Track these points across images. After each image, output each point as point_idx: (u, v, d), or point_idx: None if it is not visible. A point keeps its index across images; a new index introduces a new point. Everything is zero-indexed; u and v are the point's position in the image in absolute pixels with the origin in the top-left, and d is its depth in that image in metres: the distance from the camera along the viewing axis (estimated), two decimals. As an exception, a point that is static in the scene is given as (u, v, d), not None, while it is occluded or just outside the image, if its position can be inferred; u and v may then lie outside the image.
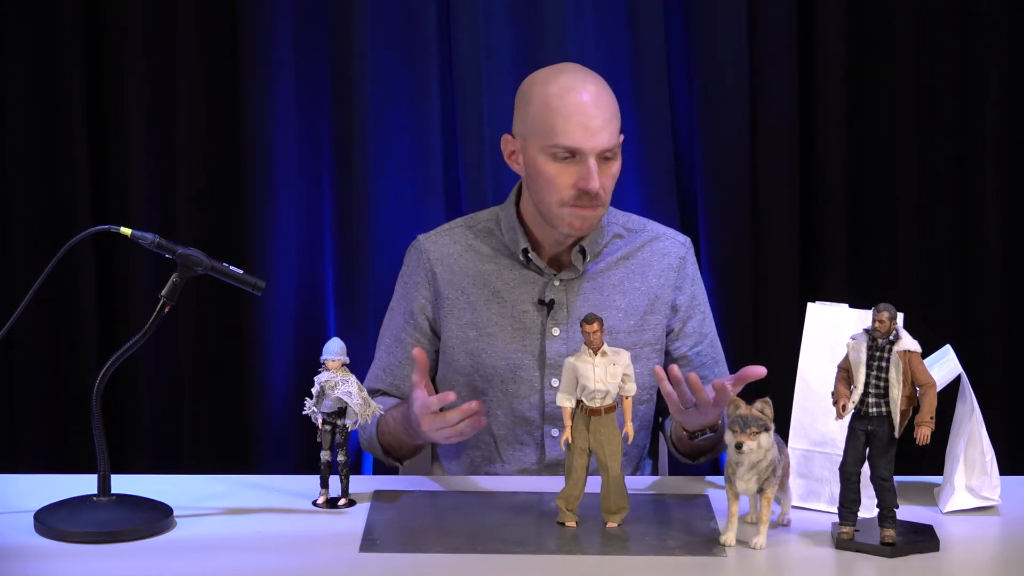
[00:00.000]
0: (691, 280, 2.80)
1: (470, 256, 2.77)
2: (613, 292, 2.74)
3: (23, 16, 3.31)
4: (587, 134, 2.61)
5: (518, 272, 2.75)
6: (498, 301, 2.74)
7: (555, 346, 2.71)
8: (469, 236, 2.79)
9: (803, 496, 2.41)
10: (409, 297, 2.80)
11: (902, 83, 3.37)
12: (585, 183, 2.61)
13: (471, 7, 3.33)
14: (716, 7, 3.35)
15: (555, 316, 2.72)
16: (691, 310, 2.78)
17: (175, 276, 2.37)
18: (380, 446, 2.74)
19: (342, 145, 3.37)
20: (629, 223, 2.80)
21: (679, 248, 2.80)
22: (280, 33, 3.35)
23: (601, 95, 2.65)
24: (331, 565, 2.17)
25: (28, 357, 3.40)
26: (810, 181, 3.41)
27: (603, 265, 2.75)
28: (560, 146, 2.62)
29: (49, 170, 3.36)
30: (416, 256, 2.81)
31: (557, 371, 2.69)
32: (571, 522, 2.31)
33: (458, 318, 2.75)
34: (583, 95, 2.63)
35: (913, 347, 2.18)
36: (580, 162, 2.62)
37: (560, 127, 2.62)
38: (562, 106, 2.63)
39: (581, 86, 2.64)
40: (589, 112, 2.62)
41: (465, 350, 2.74)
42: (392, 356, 2.81)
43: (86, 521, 2.26)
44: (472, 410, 2.49)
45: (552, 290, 2.73)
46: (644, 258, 2.77)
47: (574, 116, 2.62)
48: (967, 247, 3.43)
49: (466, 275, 2.76)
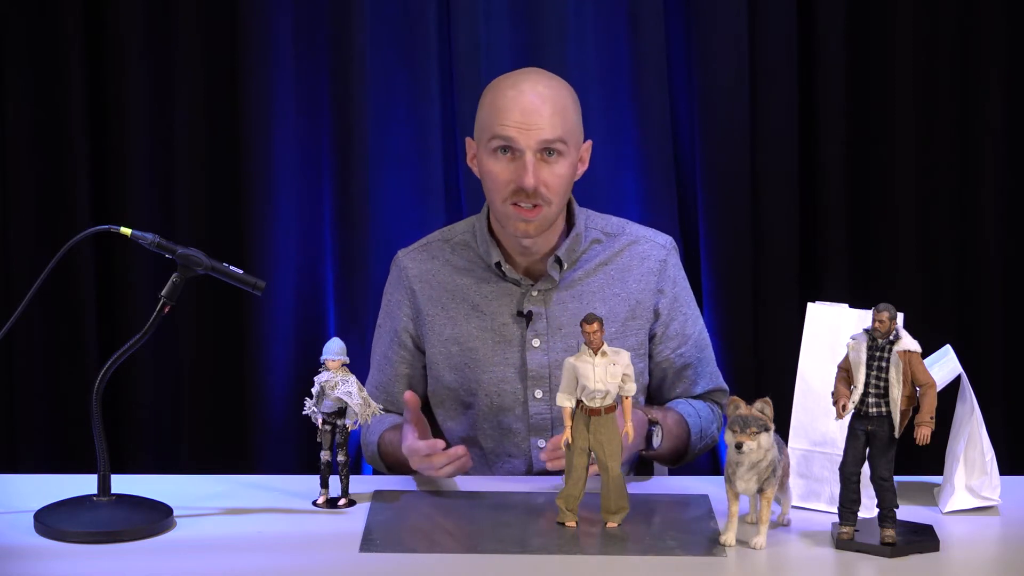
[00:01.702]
0: (673, 282, 2.75)
1: (448, 271, 2.75)
2: (593, 299, 2.70)
3: (24, 16, 3.31)
4: (523, 126, 2.58)
5: (495, 285, 2.72)
6: (478, 315, 2.72)
7: (536, 357, 2.70)
8: (446, 251, 2.76)
9: (803, 496, 2.41)
10: (392, 316, 2.79)
11: (902, 83, 3.37)
12: (520, 179, 2.59)
13: (471, 7, 3.33)
14: (716, 7, 3.36)
15: (534, 327, 2.69)
16: (673, 312, 2.75)
17: (175, 276, 2.36)
18: (384, 464, 2.74)
19: (342, 145, 3.38)
20: (608, 227, 2.76)
21: (659, 251, 2.75)
22: (280, 33, 3.35)
23: (547, 93, 2.61)
24: (331, 565, 2.17)
25: (28, 357, 3.40)
26: (810, 181, 3.42)
27: (581, 272, 2.72)
28: (498, 137, 2.60)
29: (49, 170, 3.36)
30: (396, 274, 2.79)
31: (539, 382, 2.69)
32: (571, 522, 2.31)
33: (439, 334, 2.74)
34: (526, 91, 2.60)
35: (913, 347, 2.18)
36: (519, 158, 2.60)
37: (499, 120, 2.60)
38: (504, 100, 2.60)
39: (529, 85, 2.61)
40: (528, 106, 2.58)
41: (449, 365, 2.73)
42: (382, 374, 2.80)
43: (86, 521, 2.26)
44: (456, 456, 2.48)
45: (530, 300, 2.70)
46: (624, 263, 2.73)
47: (512, 109, 2.59)
48: (967, 247, 3.43)
49: (445, 290, 2.74)
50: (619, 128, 3.38)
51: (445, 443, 2.50)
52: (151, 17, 3.34)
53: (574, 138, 2.63)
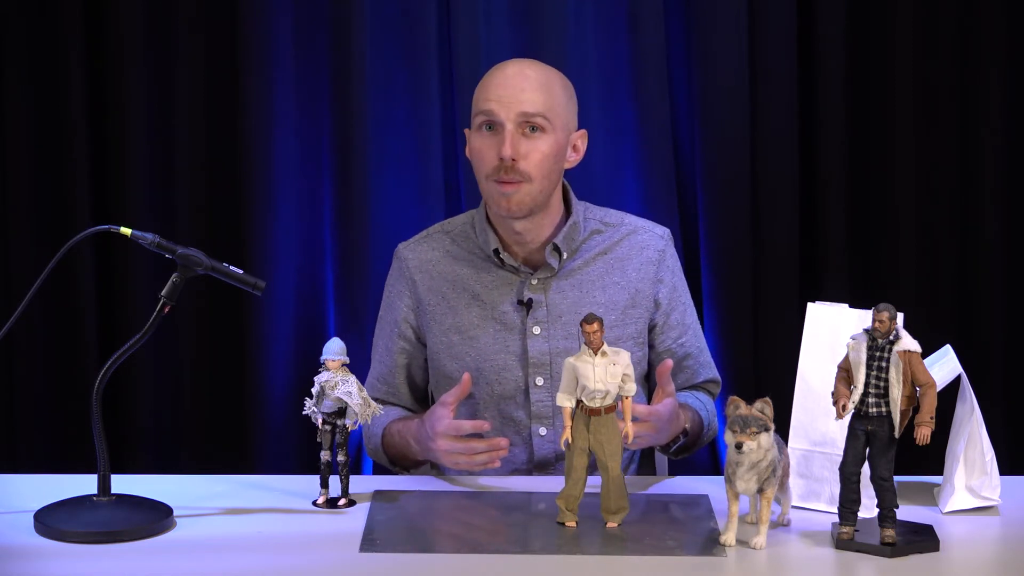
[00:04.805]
0: (671, 272, 2.78)
1: (448, 261, 2.77)
2: (592, 288, 2.73)
3: (24, 16, 3.31)
4: (503, 99, 2.61)
5: (495, 273, 2.74)
6: (478, 304, 2.73)
7: (537, 344, 2.71)
8: (446, 241, 2.78)
9: (803, 496, 2.41)
10: (393, 307, 2.80)
11: (902, 83, 3.37)
12: (499, 151, 2.60)
13: (471, 7, 3.33)
14: (716, 7, 3.36)
15: (535, 315, 2.71)
16: (673, 302, 2.77)
17: (175, 276, 2.36)
18: (387, 456, 2.74)
19: (342, 145, 3.38)
20: (607, 218, 2.78)
21: (658, 241, 2.77)
22: (280, 33, 3.35)
23: (531, 73, 2.64)
24: (331, 565, 2.17)
25: (28, 357, 3.40)
26: (810, 181, 3.42)
27: (580, 261, 2.74)
28: (481, 112, 2.63)
29: (49, 170, 3.36)
30: (397, 265, 2.81)
31: (540, 369, 2.69)
32: (571, 522, 2.31)
33: (440, 323, 2.75)
34: (510, 70, 2.65)
35: (913, 347, 2.18)
36: (500, 132, 2.62)
37: (483, 95, 2.64)
38: (489, 78, 2.65)
39: (516, 66, 2.66)
40: (510, 81, 2.62)
41: (450, 355, 2.74)
42: (383, 365, 2.81)
43: (86, 521, 2.26)
44: (499, 446, 2.50)
45: (530, 289, 2.72)
46: (623, 252, 2.76)
47: (494, 86, 2.63)
48: (967, 247, 3.43)
49: (445, 280, 2.76)
50: (619, 128, 3.38)
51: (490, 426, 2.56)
52: (151, 17, 3.34)
53: (560, 119, 2.65)
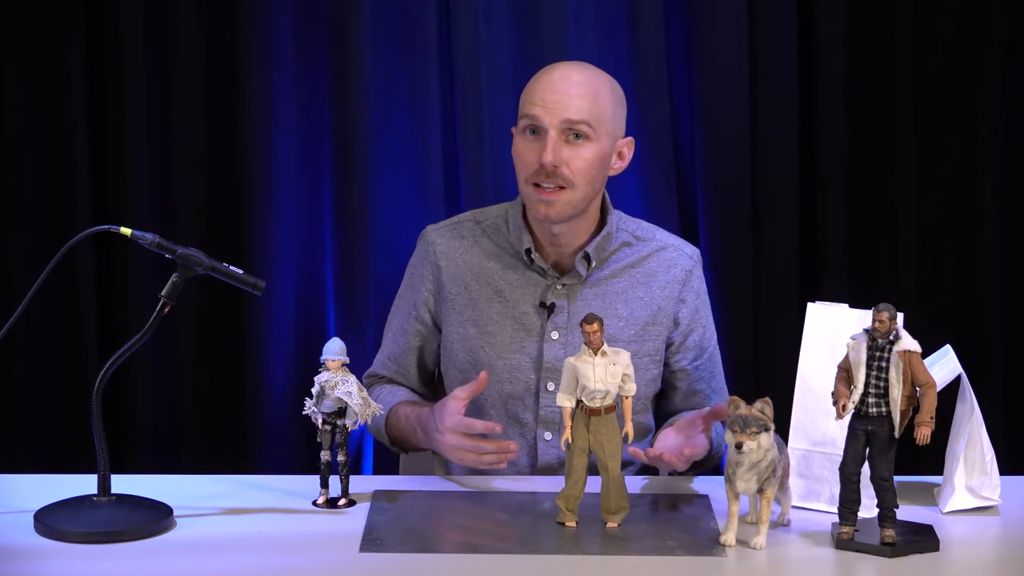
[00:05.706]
0: (696, 293, 2.76)
1: (476, 252, 2.76)
2: (616, 300, 2.72)
3: (24, 16, 3.31)
4: (548, 105, 2.60)
5: (521, 273, 2.74)
6: (500, 300, 2.73)
7: (553, 350, 2.70)
8: (477, 231, 2.78)
9: (803, 496, 2.41)
10: (414, 288, 2.80)
11: (902, 83, 3.37)
12: (540, 157, 2.60)
13: (471, 7, 3.33)
14: (716, 7, 3.35)
15: (555, 320, 2.70)
16: (693, 323, 2.76)
17: (175, 276, 2.36)
18: (388, 436, 2.74)
19: (342, 145, 3.37)
20: (639, 231, 2.77)
21: (686, 261, 2.76)
22: (280, 33, 3.35)
23: (579, 78, 2.64)
24: (331, 565, 2.17)
25: (28, 357, 3.40)
26: (810, 181, 3.41)
27: (608, 272, 2.73)
28: (525, 116, 2.63)
29: (49, 170, 3.36)
30: (423, 247, 2.80)
31: (553, 375, 2.69)
32: (571, 522, 2.31)
33: (459, 313, 2.75)
34: (557, 74, 2.64)
35: (913, 347, 2.18)
36: (544, 137, 2.61)
37: (528, 99, 2.64)
38: (536, 82, 2.65)
39: (563, 71, 2.65)
40: (556, 87, 2.62)
41: (464, 346, 2.74)
42: (396, 345, 2.81)
43: (86, 521, 2.26)
44: (508, 449, 2.50)
45: (554, 293, 2.71)
46: (650, 268, 2.74)
47: (539, 90, 2.63)
48: (967, 247, 3.43)
49: (470, 271, 2.75)
50: (619, 128, 3.38)
51: (502, 428, 2.56)
52: (151, 17, 3.33)
53: (605, 126, 2.64)
